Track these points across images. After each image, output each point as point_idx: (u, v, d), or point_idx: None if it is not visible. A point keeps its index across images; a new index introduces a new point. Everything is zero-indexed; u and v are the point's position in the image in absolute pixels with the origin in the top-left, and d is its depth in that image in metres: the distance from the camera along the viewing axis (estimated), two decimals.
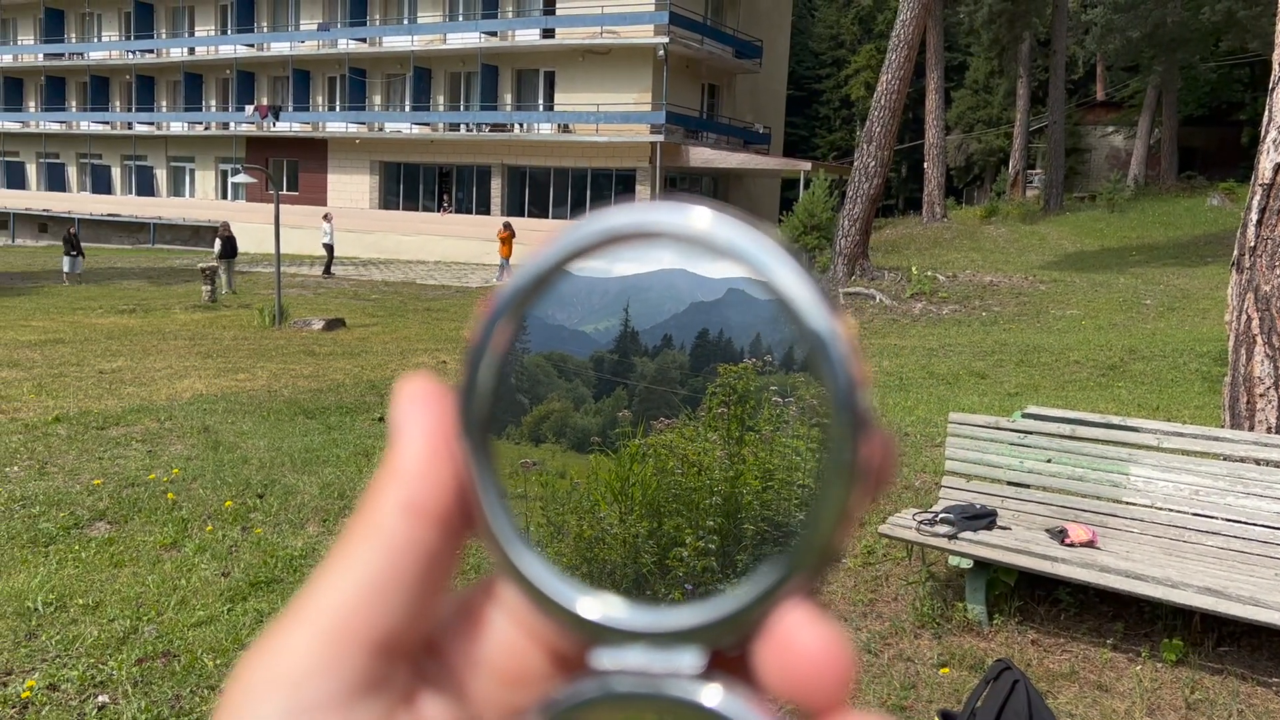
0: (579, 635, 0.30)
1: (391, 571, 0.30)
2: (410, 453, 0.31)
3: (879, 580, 5.55)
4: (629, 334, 0.32)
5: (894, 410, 9.76)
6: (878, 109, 21.01)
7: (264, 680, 0.30)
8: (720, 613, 0.29)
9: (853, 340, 0.29)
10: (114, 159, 45.70)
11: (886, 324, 18.07)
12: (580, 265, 0.31)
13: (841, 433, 0.29)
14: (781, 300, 0.29)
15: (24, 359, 12.59)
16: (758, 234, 0.30)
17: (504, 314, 0.31)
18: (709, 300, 0.31)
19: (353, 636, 0.30)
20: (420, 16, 38.33)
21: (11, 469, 7.31)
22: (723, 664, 0.30)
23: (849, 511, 0.29)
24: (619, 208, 0.31)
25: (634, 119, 33.82)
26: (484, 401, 0.31)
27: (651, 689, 0.29)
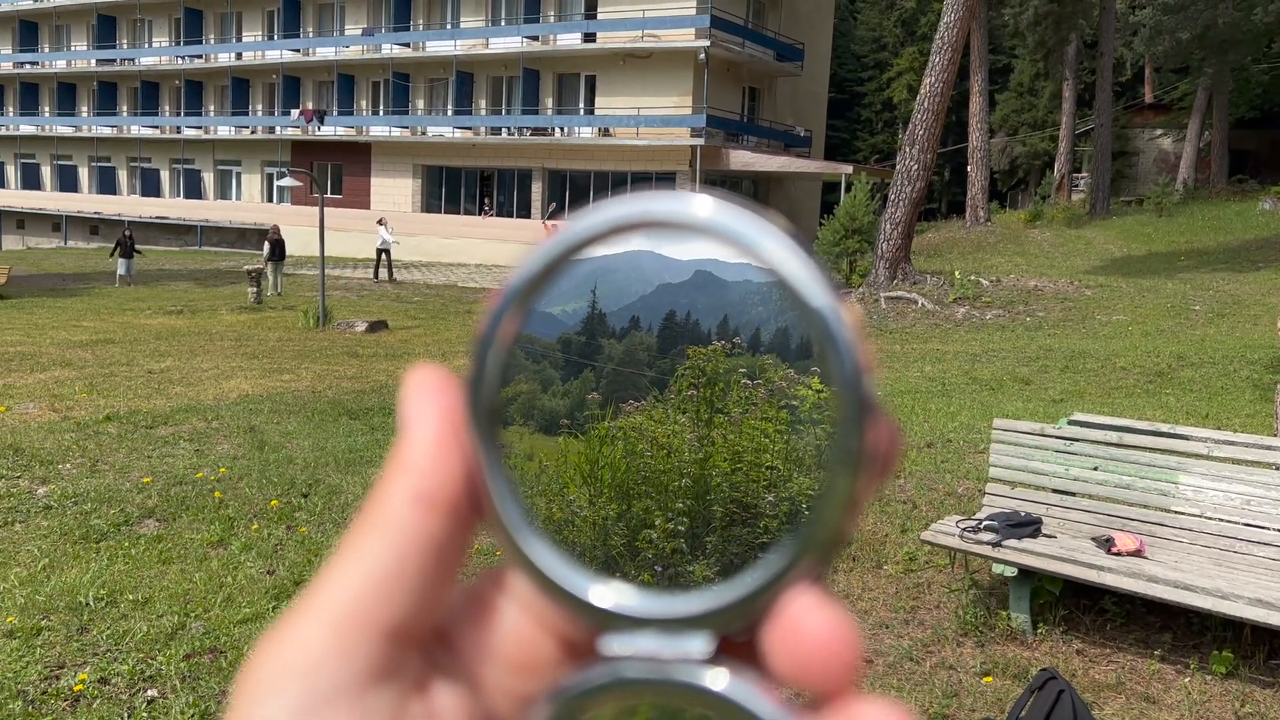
0: (588, 622, 0.31)
1: (402, 561, 0.30)
2: (419, 443, 0.31)
3: (921, 588, 5.50)
4: (596, 316, 0.32)
5: (936, 416, 9.68)
6: (921, 112, 20.85)
7: (278, 670, 0.30)
8: (729, 598, 0.30)
9: (858, 328, 0.30)
10: (163, 162, 46.53)
11: (929, 329, 17.92)
12: (585, 255, 0.31)
13: (848, 418, 0.29)
14: (787, 288, 0.30)
15: (76, 359, 12.85)
16: (762, 221, 0.30)
17: (511, 306, 0.31)
18: (676, 282, 0.32)
19: (365, 625, 0.30)
20: (463, 21, 38.65)
21: (64, 466, 7.47)
22: (732, 649, 0.30)
23: (856, 497, 0.29)
24: (623, 198, 0.31)
25: (674, 122, 33.84)
26: (491, 392, 0.31)
27: (660, 674, 0.30)
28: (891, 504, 6.76)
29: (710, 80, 33.72)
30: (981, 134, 35.65)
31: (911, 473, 7.52)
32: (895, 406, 10.15)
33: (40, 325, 17.03)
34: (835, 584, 5.51)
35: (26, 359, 12.64)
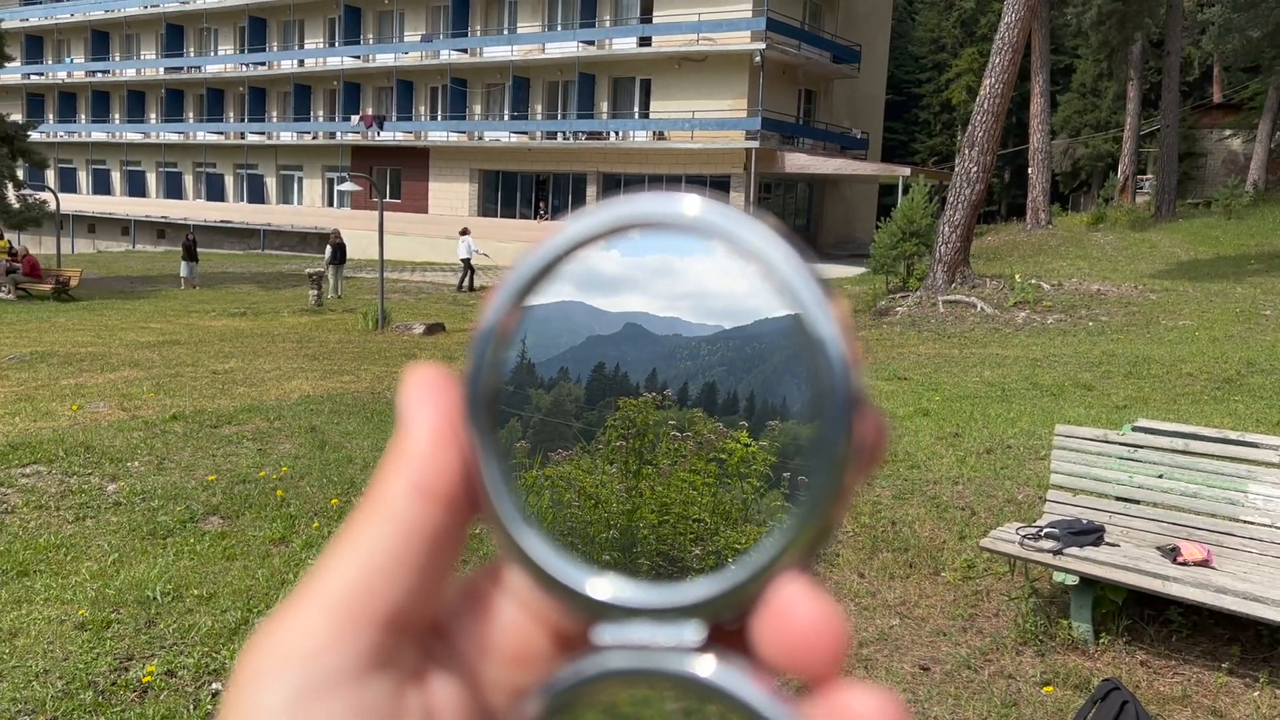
0: (582, 613, 0.31)
1: (400, 550, 0.31)
2: (418, 436, 0.31)
3: (979, 595, 5.43)
4: (525, 366, 0.32)
5: (996, 421, 9.54)
6: (980, 113, 20.56)
7: (276, 656, 0.30)
8: (719, 588, 0.30)
9: (845, 321, 0.30)
10: (227, 167, 47.57)
11: (988, 333, 17.66)
12: (583, 254, 0.31)
13: (835, 411, 0.29)
14: (775, 283, 0.30)
15: (144, 359, 13.18)
16: (751, 219, 0.31)
17: (510, 303, 0.32)
18: (606, 334, 0.32)
19: (362, 613, 0.30)
20: (520, 26, 38.99)
21: (133, 464, 7.67)
22: (723, 638, 0.30)
23: (844, 489, 0.30)
24: (618, 199, 0.31)
25: (729, 125, 33.78)
26: (489, 387, 0.32)
27: (650, 664, 0.30)
28: (949, 510, 6.68)
29: (766, 83, 33.61)
30: (1043, 135, 35.04)
31: (970, 479, 7.42)
32: (953, 412, 10.02)
33: (110, 327, 17.50)
34: (892, 590, 5.46)
35: (97, 359, 13.00)
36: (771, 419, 0.31)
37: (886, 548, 6.05)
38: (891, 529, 6.34)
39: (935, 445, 8.54)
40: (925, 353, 15.24)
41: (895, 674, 4.51)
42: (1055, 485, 5.51)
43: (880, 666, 4.58)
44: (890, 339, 17.13)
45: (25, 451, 7.81)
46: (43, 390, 10.74)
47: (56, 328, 17.22)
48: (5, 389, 10.82)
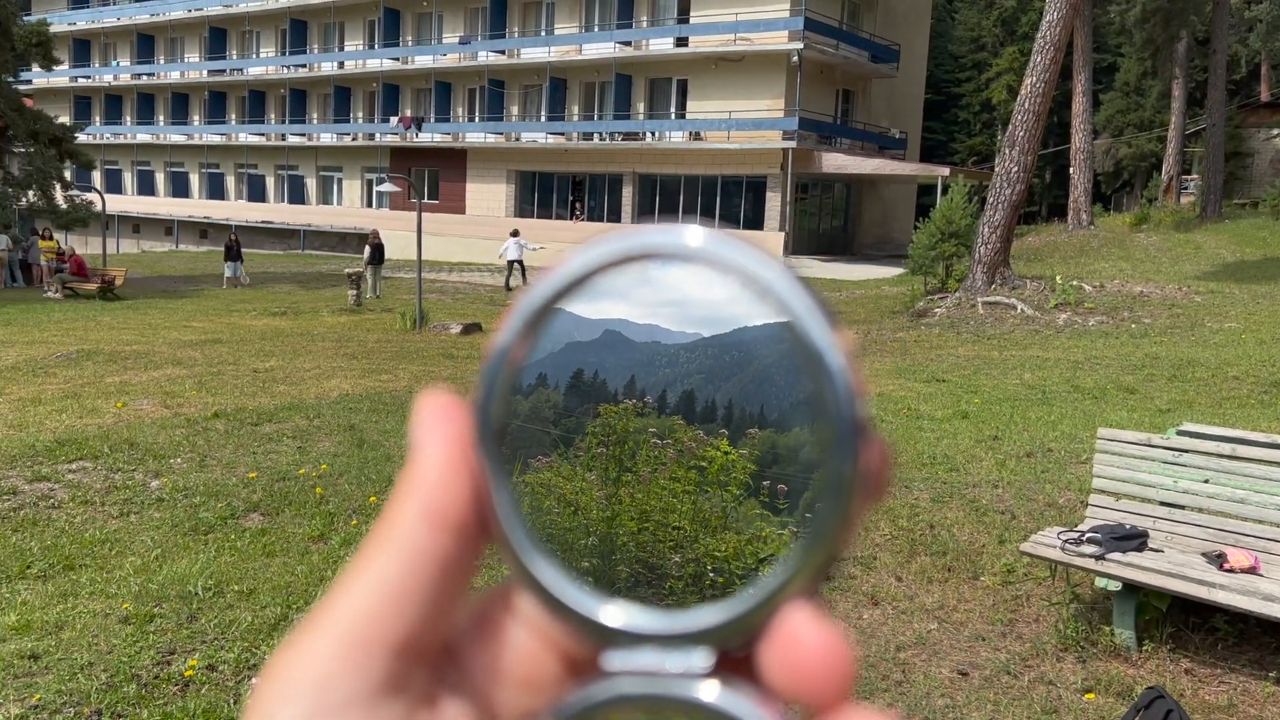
0: (592, 639, 0.31)
1: (411, 577, 0.31)
2: (429, 463, 0.32)
3: (1019, 600, 5.36)
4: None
5: (1036, 425, 9.42)
6: (1021, 113, 20.33)
7: (290, 682, 0.31)
8: (727, 615, 0.30)
9: (850, 350, 0.30)
10: (268, 169, 48.15)
11: (1028, 335, 17.45)
12: (593, 285, 0.32)
13: (841, 441, 0.30)
14: (781, 312, 0.30)
15: (186, 358, 13.38)
16: (754, 249, 0.31)
17: (520, 331, 0.32)
18: (585, 340, 0.32)
19: (374, 639, 0.31)
20: (557, 28, 39.11)
21: (175, 460, 7.78)
22: (732, 665, 0.31)
23: (851, 517, 0.30)
24: (626, 231, 0.32)
25: (766, 125, 33.67)
26: (499, 415, 0.32)
27: (658, 689, 0.30)
28: (989, 514, 6.61)
29: (803, 83, 33.46)
30: (1085, 135, 34.57)
31: (1010, 482, 7.34)
32: (993, 414, 9.91)
33: (153, 325, 17.78)
34: (930, 594, 5.41)
35: (141, 357, 13.20)
36: (751, 427, 0.32)
37: (925, 551, 5.99)
38: (930, 532, 6.28)
39: (974, 448, 8.45)
40: (964, 354, 15.09)
41: (933, 679, 4.47)
42: (1097, 489, 5.43)
43: (918, 671, 4.54)
44: (929, 340, 16.98)
45: (72, 448, 7.95)
46: (89, 388, 10.93)
47: (102, 326, 17.52)
48: (53, 386, 11.02)
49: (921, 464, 7.92)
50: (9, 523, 6.22)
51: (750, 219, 34.94)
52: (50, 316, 19.36)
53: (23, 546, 5.79)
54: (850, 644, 0.29)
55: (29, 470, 7.34)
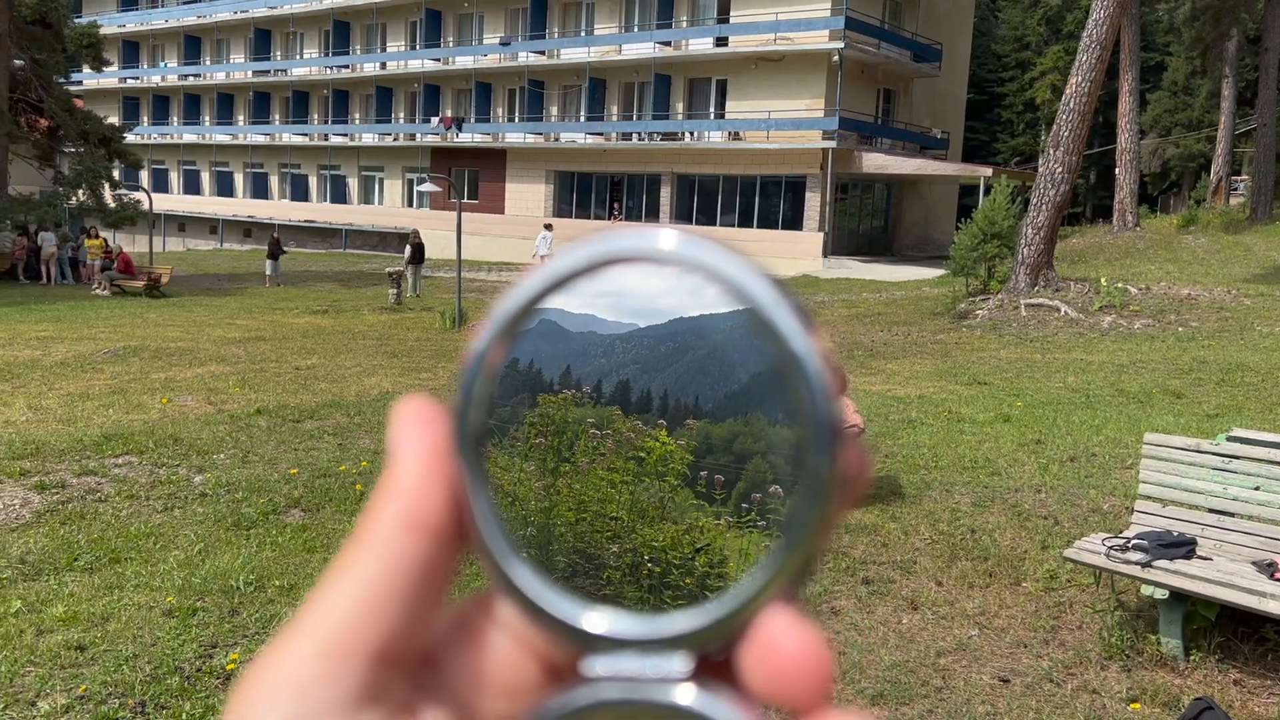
0: (571, 645, 0.31)
1: (390, 583, 0.31)
2: (407, 470, 0.32)
3: (1062, 607, 5.28)
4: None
5: (1080, 429, 9.28)
6: (1066, 112, 20.05)
7: (268, 689, 0.31)
8: (706, 619, 0.31)
9: (827, 355, 0.30)
10: (311, 168, 48.68)
11: (1072, 338, 17.21)
12: (569, 289, 0.32)
13: (818, 444, 0.30)
14: (757, 315, 0.30)
15: (230, 355, 13.56)
16: (730, 252, 0.31)
17: (497, 337, 0.32)
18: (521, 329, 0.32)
19: (353, 646, 0.30)
20: (597, 28, 39.17)
21: (219, 456, 7.89)
22: (712, 669, 0.31)
23: (828, 521, 0.30)
24: (602, 236, 0.32)
25: (806, 125, 33.49)
26: (477, 421, 0.32)
27: (636, 694, 0.31)
28: (1031, 519, 6.52)
29: (844, 82, 33.25)
30: (1131, 135, 34.03)
31: (1053, 487, 7.23)
32: (1035, 418, 9.78)
33: (198, 323, 18.04)
34: (971, 599, 5.34)
35: (186, 354, 13.40)
36: (688, 417, 0.32)
37: (965, 556, 5.92)
38: (971, 537, 6.21)
39: (1016, 452, 8.34)
40: (1006, 357, 14.91)
41: (974, 685, 4.41)
42: (1143, 495, 5.34)
43: (958, 677, 4.49)
44: (970, 343, 16.79)
45: (118, 442, 8.09)
46: (135, 383, 11.11)
47: (148, 323, 17.81)
48: (100, 382, 11.22)
49: (963, 468, 7.83)
50: (57, 515, 6.33)
51: (789, 219, 34.78)
52: (98, 313, 19.71)
53: (70, 539, 5.89)
54: (829, 646, 0.29)
55: (77, 464, 7.47)
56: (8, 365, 12.10)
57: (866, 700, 4.22)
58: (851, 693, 4.29)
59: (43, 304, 21.43)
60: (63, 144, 31.10)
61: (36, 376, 11.41)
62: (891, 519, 6.51)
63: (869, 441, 8.15)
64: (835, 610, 5.16)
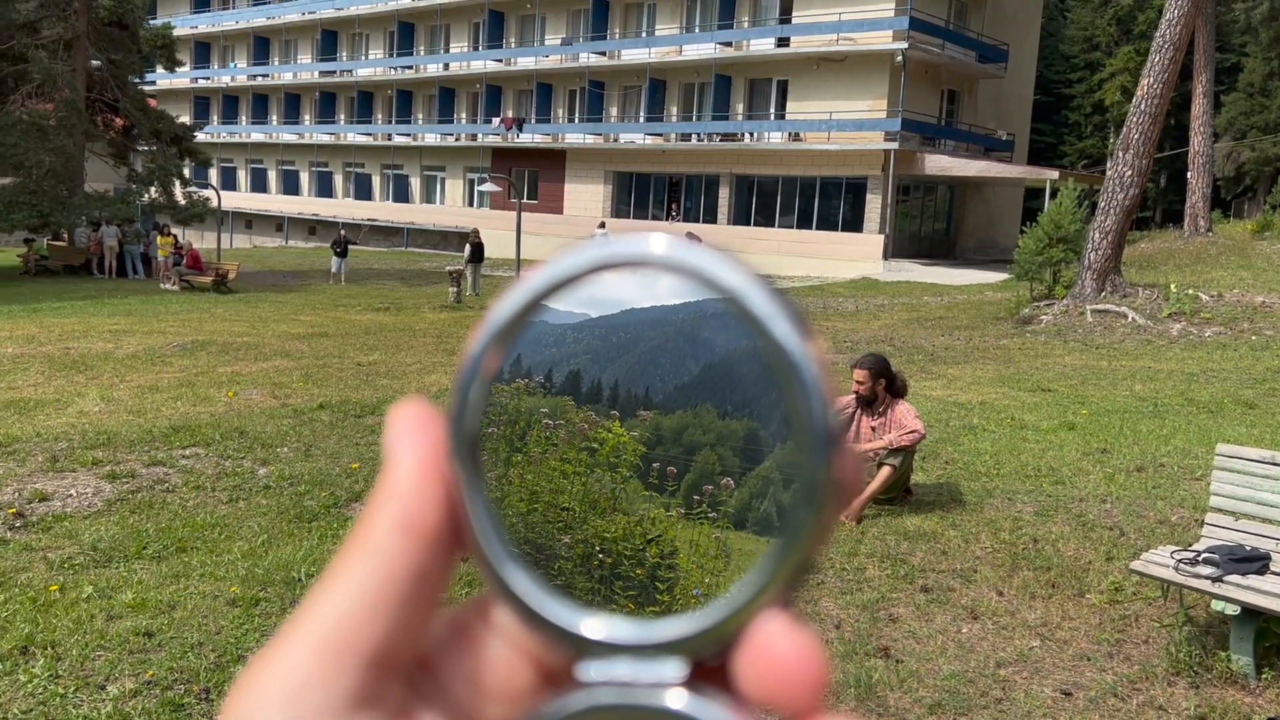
0: (566, 649, 0.31)
1: (386, 587, 0.31)
2: (403, 474, 0.32)
3: (1128, 620, 5.16)
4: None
5: (1147, 438, 9.06)
6: (1137, 114, 19.60)
7: (262, 692, 0.30)
8: (701, 625, 0.31)
9: (823, 360, 0.30)
10: (375, 168, 49.42)
11: (1139, 345, 16.81)
12: (565, 294, 0.32)
13: (814, 450, 0.30)
14: (752, 321, 0.30)
15: (294, 350, 13.81)
16: (725, 257, 0.31)
17: (493, 341, 0.32)
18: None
19: (348, 650, 0.30)
20: (658, 29, 39.21)
21: (282, 449, 8.03)
22: (706, 673, 0.31)
23: (823, 526, 0.30)
24: (598, 242, 0.32)
25: (868, 126, 33.17)
26: (473, 424, 0.32)
27: (630, 699, 0.31)
28: (1096, 529, 6.38)
29: (907, 83, 32.87)
30: (1204, 138, 33.16)
31: (1119, 498, 7.07)
32: (1101, 426, 9.57)
33: (264, 318, 18.41)
34: (1033, 610, 5.24)
35: (251, 349, 13.68)
36: (641, 409, 0.32)
37: (1027, 566, 5.81)
38: (1033, 546, 6.10)
39: (1081, 461, 8.17)
40: (1071, 364, 14.62)
41: (1035, 698, 4.33)
42: (1214, 508, 5.19)
43: (1019, 689, 4.40)
44: (1033, 349, 16.49)
45: (186, 434, 8.28)
46: (202, 377, 11.36)
47: (215, 318, 18.22)
48: (169, 374, 11.50)
49: (1025, 476, 7.69)
50: (128, 504, 6.50)
51: (849, 221, 34.48)
52: (167, 308, 20.21)
53: (139, 528, 6.05)
54: (823, 652, 0.29)
55: (146, 455, 7.66)
56: (82, 357, 12.45)
57: (924, 710, 4.17)
58: (909, 701, 4.23)
59: (115, 298, 22.03)
60: (136, 142, 31.96)
61: (109, 368, 11.73)
62: (951, 526, 6.41)
63: (929, 447, 8.04)
64: (893, 617, 5.10)
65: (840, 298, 25.66)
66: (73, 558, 5.51)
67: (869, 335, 17.52)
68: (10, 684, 4.07)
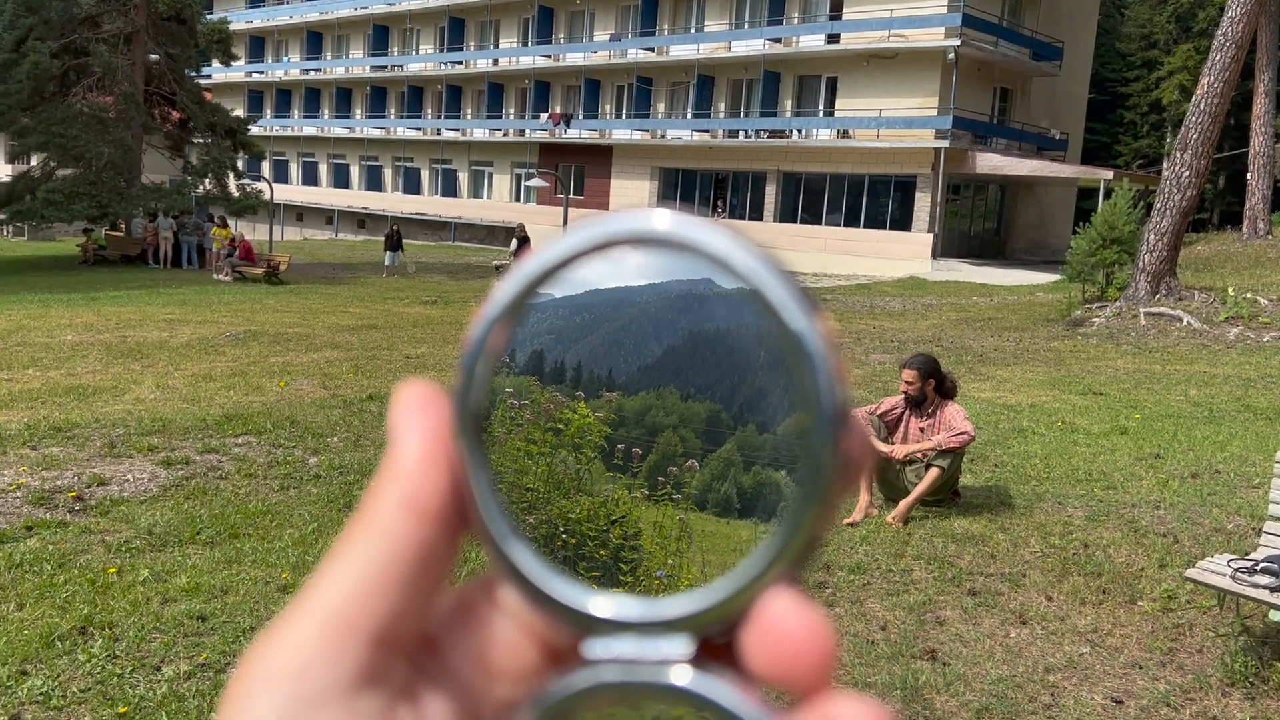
0: (572, 627, 0.31)
1: (391, 566, 0.31)
2: (408, 453, 0.32)
3: (1181, 629, 5.07)
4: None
5: (1202, 444, 8.89)
6: (1196, 114, 19.19)
7: (269, 670, 0.30)
8: (707, 602, 0.30)
9: (830, 336, 0.30)
10: (423, 162, 49.85)
11: (1194, 349, 16.48)
12: (571, 271, 0.32)
13: (821, 427, 0.30)
14: (759, 298, 0.30)
15: (344, 341, 13.99)
16: (731, 233, 0.31)
17: (498, 320, 0.32)
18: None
19: (354, 628, 0.30)
20: (707, 25, 39.10)
21: (332, 439, 8.14)
22: (713, 651, 0.31)
23: (829, 502, 0.30)
24: (603, 218, 0.32)
25: (918, 124, 32.84)
26: (478, 404, 0.32)
27: (636, 677, 0.31)
28: (1149, 536, 6.27)
29: (959, 80, 32.49)
30: (1266, 138, 32.39)
31: (1172, 504, 6.95)
32: (1154, 432, 9.41)
33: (314, 310, 18.66)
34: (1083, 616, 5.17)
35: (302, 340, 13.87)
36: (605, 390, 0.32)
37: (1078, 571, 5.73)
38: (1084, 551, 6.01)
39: (1133, 466, 8.04)
40: (1123, 367, 14.37)
41: (1084, 705, 4.27)
42: (1274, 517, 5.07)
43: (1068, 695, 4.35)
44: (1085, 351, 16.23)
45: (238, 422, 8.42)
46: (254, 366, 11.55)
47: (267, 309, 18.49)
48: (222, 364, 11.70)
49: (1076, 480, 7.58)
50: (182, 490, 6.63)
51: (897, 220, 34.16)
52: (220, 298, 20.55)
53: (194, 513, 6.16)
54: (831, 629, 0.29)
55: (200, 442, 7.81)
56: (138, 345, 12.71)
57: (971, 713, 4.13)
58: (955, 704, 4.20)
59: (170, 288, 22.45)
60: (192, 135, 32.53)
61: (164, 357, 11.97)
62: (1000, 530, 6.34)
63: (978, 449, 7.95)
64: (940, 620, 5.05)
65: (888, 297, 25.45)
66: (129, 541, 5.64)
67: (917, 335, 17.35)
68: (70, 663, 4.17)
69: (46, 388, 9.87)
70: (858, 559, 5.78)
